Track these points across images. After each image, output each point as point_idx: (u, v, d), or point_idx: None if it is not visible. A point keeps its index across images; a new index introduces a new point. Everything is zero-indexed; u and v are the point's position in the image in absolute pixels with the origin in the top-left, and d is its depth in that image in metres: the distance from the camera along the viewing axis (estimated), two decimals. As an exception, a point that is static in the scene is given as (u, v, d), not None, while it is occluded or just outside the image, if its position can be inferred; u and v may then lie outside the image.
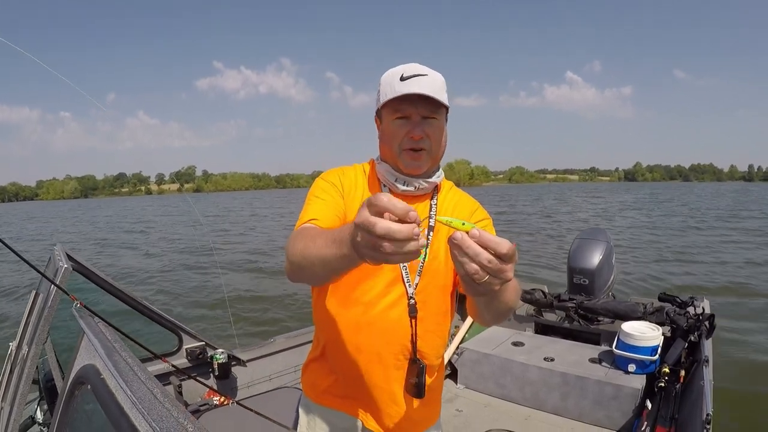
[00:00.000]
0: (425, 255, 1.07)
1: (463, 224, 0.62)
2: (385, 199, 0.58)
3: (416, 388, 1.06)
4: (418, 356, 1.07)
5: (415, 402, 1.11)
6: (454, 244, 0.61)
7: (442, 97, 1.00)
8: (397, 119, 1.02)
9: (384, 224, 0.57)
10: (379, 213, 0.58)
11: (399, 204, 0.58)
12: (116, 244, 16.79)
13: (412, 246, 0.58)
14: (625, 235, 15.28)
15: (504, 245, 0.60)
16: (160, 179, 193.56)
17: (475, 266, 0.61)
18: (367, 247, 0.60)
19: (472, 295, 0.69)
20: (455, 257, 0.62)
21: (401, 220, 0.58)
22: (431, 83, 0.99)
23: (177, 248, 15.00)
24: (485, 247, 0.60)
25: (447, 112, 1.06)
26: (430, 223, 1.09)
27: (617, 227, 17.61)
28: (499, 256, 0.60)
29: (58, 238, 19.70)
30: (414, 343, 1.07)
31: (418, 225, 0.59)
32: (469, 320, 3.22)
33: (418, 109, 1.00)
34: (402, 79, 1.00)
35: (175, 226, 23.25)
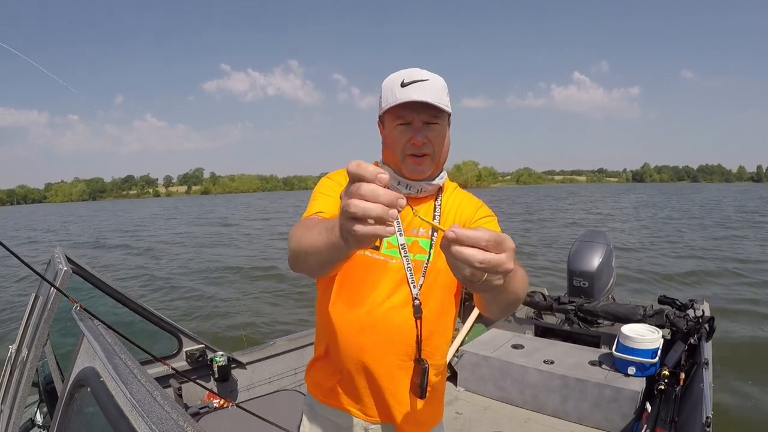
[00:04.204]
0: (430, 254, 1.07)
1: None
2: (354, 164, 0.58)
3: (420, 388, 1.06)
4: (422, 356, 1.08)
5: (419, 402, 1.11)
6: (447, 252, 0.59)
7: (444, 101, 1.01)
8: (398, 125, 1.04)
9: (369, 186, 0.56)
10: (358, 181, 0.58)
11: (369, 167, 0.57)
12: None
13: (380, 210, 0.56)
14: (626, 235, 15.18)
15: (482, 237, 0.57)
16: (168, 181, 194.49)
17: (469, 269, 0.58)
18: (345, 217, 0.58)
19: (478, 292, 0.69)
20: (451, 264, 0.61)
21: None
22: (432, 88, 1.00)
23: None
24: (471, 245, 0.58)
25: (449, 117, 1.06)
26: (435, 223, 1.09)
27: (618, 229, 17.48)
28: (485, 250, 0.58)
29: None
30: (419, 343, 1.07)
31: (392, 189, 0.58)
32: (468, 323, 3.22)
33: (420, 115, 1.01)
34: (402, 85, 1.00)
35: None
